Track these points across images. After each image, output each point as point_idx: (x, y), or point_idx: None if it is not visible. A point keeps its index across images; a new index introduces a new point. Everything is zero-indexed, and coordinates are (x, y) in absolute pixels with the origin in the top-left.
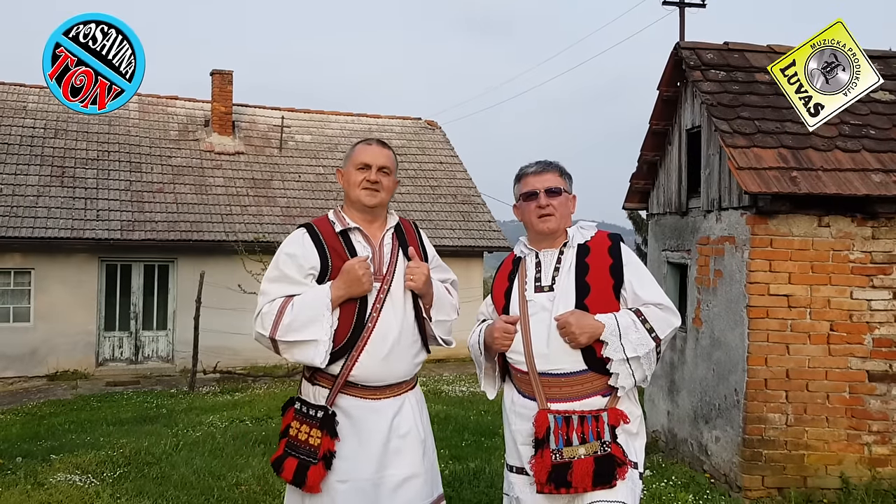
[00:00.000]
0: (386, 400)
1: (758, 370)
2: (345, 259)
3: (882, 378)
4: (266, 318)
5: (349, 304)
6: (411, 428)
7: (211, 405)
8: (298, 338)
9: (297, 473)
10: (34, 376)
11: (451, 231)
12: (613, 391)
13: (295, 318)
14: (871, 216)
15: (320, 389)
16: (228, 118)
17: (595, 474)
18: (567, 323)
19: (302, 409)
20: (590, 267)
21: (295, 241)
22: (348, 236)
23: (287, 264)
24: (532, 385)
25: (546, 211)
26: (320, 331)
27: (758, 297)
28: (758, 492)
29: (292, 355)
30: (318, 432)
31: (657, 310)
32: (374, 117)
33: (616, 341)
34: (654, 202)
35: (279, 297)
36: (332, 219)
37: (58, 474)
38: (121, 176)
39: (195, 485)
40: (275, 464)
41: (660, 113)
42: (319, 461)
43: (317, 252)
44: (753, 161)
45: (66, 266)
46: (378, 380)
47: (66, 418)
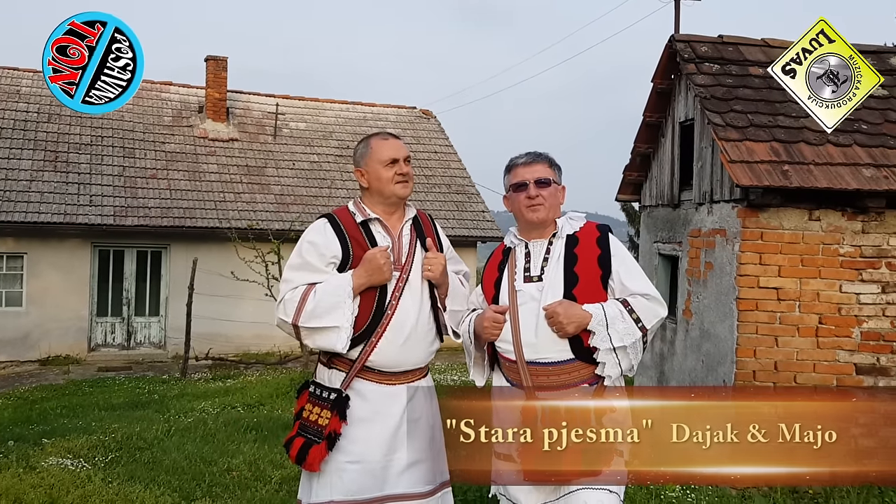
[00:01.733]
0: (401, 385)
1: (746, 362)
2: (365, 249)
3: (869, 371)
4: (289, 304)
5: (369, 291)
6: (423, 414)
7: (203, 391)
8: (321, 324)
9: (300, 452)
10: (26, 361)
11: (444, 221)
12: (600, 380)
13: (317, 305)
14: (862, 210)
15: (336, 373)
16: (223, 105)
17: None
18: (555, 313)
19: (316, 391)
20: (578, 257)
21: (317, 230)
22: (368, 227)
23: (310, 252)
24: (520, 374)
25: (535, 201)
26: (342, 317)
27: (747, 289)
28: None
29: (314, 341)
30: (327, 413)
31: (644, 300)
32: (368, 105)
33: (603, 331)
34: (647, 194)
35: (302, 285)
36: (352, 209)
37: (50, 458)
38: (114, 161)
39: (186, 470)
40: (287, 444)
41: (653, 105)
42: (323, 441)
43: (338, 241)
44: (745, 154)
45: (59, 251)
46: (395, 365)
47: (58, 403)
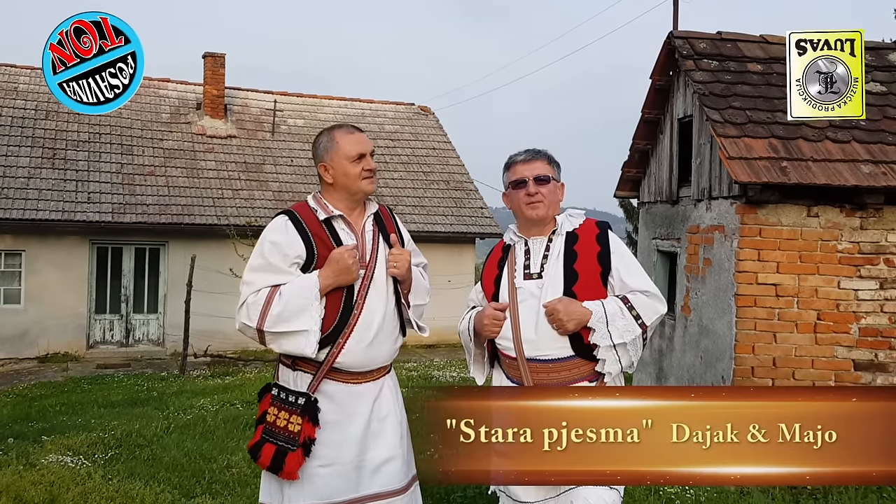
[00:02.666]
0: (367, 384)
1: (745, 358)
2: (330, 247)
3: (867, 367)
4: (252, 308)
5: (335, 292)
6: (390, 410)
7: (202, 388)
8: (288, 328)
9: (274, 460)
10: (24, 358)
11: (443, 217)
12: (600, 377)
13: (284, 309)
14: (860, 207)
15: (302, 375)
16: (220, 101)
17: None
18: (555, 310)
19: (280, 395)
20: (578, 255)
21: (278, 228)
22: (332, 224)
23: (272, 253)
24: (520, 370)
25: (535, 199)
26: (310, 320)
27: (746, 285)
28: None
29: (280, 346)
30: (298, 419)
31: (644, 297)
32: (367, 102)
33: (603, 328)
34: (646, 191)
35: (265, 287)
36: (313, 206)
37: (49, 455)
38: (112, 158)
39: (186, 467)
40: (252, 450)
41: (652, 102)
42: (298, 448)
43: (301, 240)
44: (744, 151)
45: (57, 248)
46: (363, 365)
47: (57, 400)
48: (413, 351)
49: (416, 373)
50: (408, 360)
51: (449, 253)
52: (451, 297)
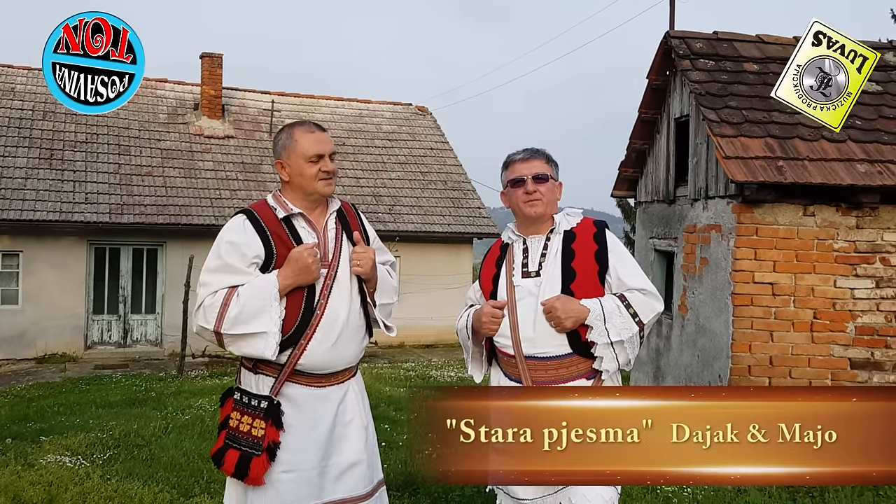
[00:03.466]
0: (331, 387)
1: (742, 357)
2: (289, 246)
3: (864, 365)
4: (209, 310)
5: (296, 292)
6: (355, 414)
7: (200, 389)
8: (246, 330)
9: (238, 466)
10: (22, 359)
11: (440, 217)
12: (597, 374)
13: (242, 310)
14: (856, 206)
15: (264, 378)
16: (218, 102)
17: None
18: (553, 308)
19: (243, 399)
20: (576, 253)
21: (236, 228)
22: (291, 222)
23: (229, 253)
24: (519, 368)
25: (534, 197)
26: (269, 322)
27: (743, 284)
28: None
29: (239, 348)
30: (261, 423)
31: (641, 295)
32: (364, 102)
33: (601, 325)
34: (643, 190)
35: (222, 289)
36: (272, 204)
37: (48, 455)
38: (110, 159)
39: (185, 467)
40: (215, 457)
41: (649, 101)
42: (263, 452)
43: (259, 239)
44: (740, 150)
45: (55, 249)
46: (326, 367)
47: (55, 401)
48: (411, 351)
49: (415, 372)
50: (406, 360)
51: (447, 253)
52: (449, 297)
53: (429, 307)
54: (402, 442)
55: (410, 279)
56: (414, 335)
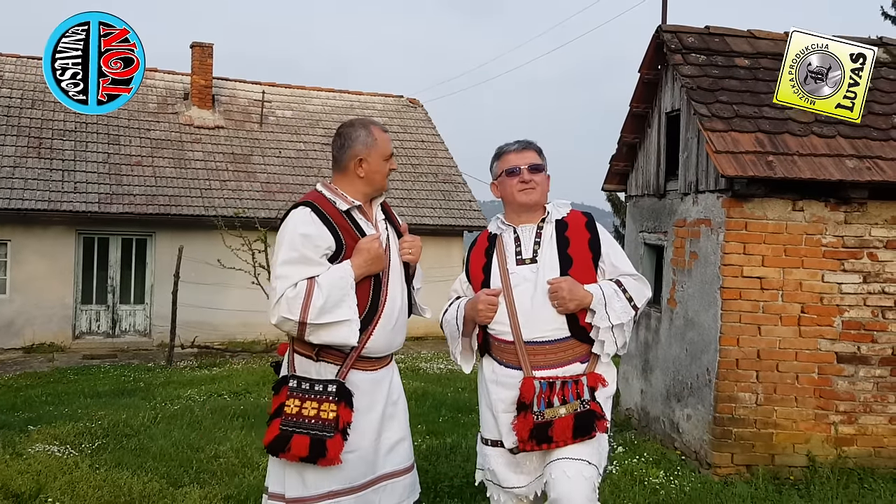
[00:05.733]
0: (383, 370)
1: (730, 350)
2: (355, 237)
3: (850, 360)
4: (293, 302)
5: (364, 281)
6: (400, 394)
7: (189, 379)
8: (332, 319)
9: (312, 448)
10: (10, 348)
11: (431, 210)
12: (592, 357)
13: (327, 300)
14: (844, 201)
15: (325, 365)
16: (208, 92)
17: (575, 427)
18: (560, 288)
19: (303, 385)
20: (570, 241)
21: (306, 220)
22: (351, 214)
23: (305, 245)
24: (518, 354)
25: (529, 185)
26: (349, 310)
27: (731, 278)
28: (727, 469)
29: (319, 337)
30: (330, 406)
31: (633, 280)
32: (355, 94)
33: (602, 310)
34: (633, 184)
35: (301, 280)
36: (329, 196)
37: (36, 445)
38: (99, 148)
39: (174, 456)
40: (273, 445)
41: (640, 95)
42: (337, 433)
43: (329, 231)
44: (731, 145)
45: (43, 238)
46: (386, 350)
47: (43, 390)
48: None
49: (404, 364)
50: (395, 352)
51: (437, 246)
52: (439, 289)
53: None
54: None
55: None
56: None
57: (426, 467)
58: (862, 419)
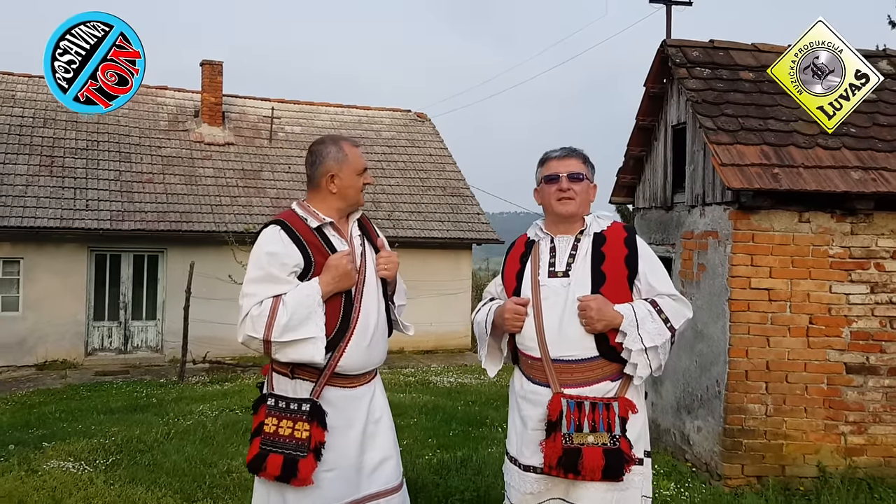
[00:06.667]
0: (362, 387)
1: (739, 362)
2: (325, 254)
3: (859, 370)
4: (257, 320)
5: (334, 298)
6: (383, 412)
7: (201, 395)
8: (296, 336)
9: (285, 468)
10: (23, 366)
11: (439, 223)
12: (624, 378)
13: (291, 318)
14: (850, 212)
15: (301, 383)
16: (218, 109)
17: (605, 467)
18: (588, 307)
19: (279, 404)
20: (606, 256)
21: (273, 238)
22: (322, 231)
23: (271, 263)
24: (545, 371)
25: (567, 195)
26: (316, 328)
27: (739, 290)
28: (737, 480)
29: (286, 355)
30: (304, 425)
31: (671, 301)
32: (363, 109)
33: (634, 332)
34: (640, 197)
35: (267, 298)
36: (301, 214)
37: (51, 461)
38: (110, 166)
39: (187, 472)
40: (252, 463)
41: (646, 109)
42: (309, 453)
43: (297, 249)
44: (736, 157)
45: (56, 256)
46: (361, 368)
47: (57, 407)
48: (411, 357)
49: (414, 378)
50: (405, 366)
51: (446, 259)
52: (448, 302)
53: (428, 313)
54: (403, 447)
55: (409, 285)
56: (413, 341)
57: (437, 481)
58: (871, 429)
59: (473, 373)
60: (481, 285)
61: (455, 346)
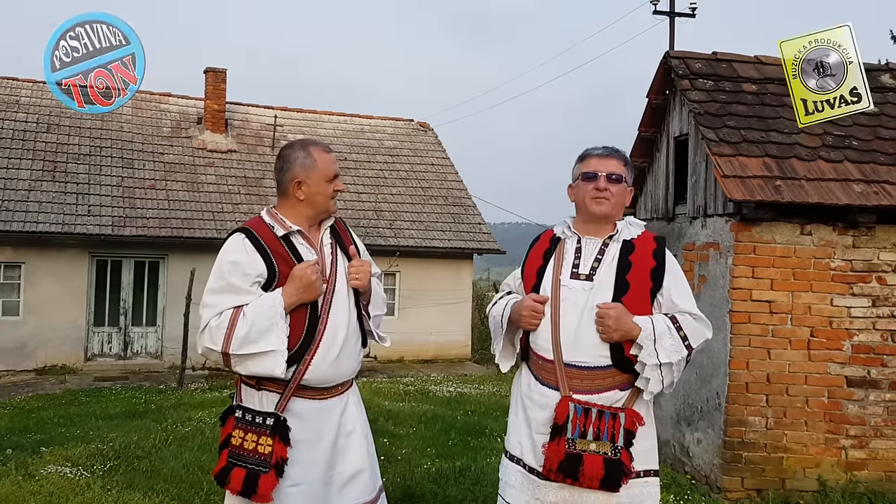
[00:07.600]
0: (333, 399)
1: (739, 374)
2: (291, 264)
3: (860, 384)
4: (216, 331)
5: (299, 308)
6: (356, 424)
7: (199, 401)
8: (255, 349)
9: (246, 484)
10: (22, 370)
11: (441, 233)
12: (634, 390)
13: (250, 330)
14: (852, 225)
15: (268, 395)
16: (221, 116)
17: (604, 477)
18: (607, 315)
19: (246, 416)
20: (632, 266)
21: (236, 248)
22: (290, 239)
23: (232, 273)
24: (556, 375)
25: (603, 195)
26: (276, 340)
27: (740, 302)
28: (737, 493)
29: (246, 368)
30: (267, 440)
31: (692, 319)
32: (366, 118)
33: (650, 346)
34: (642, 208)
35: (227, 309)
36: (268, 221)
37: (48, 466)
38: (113, 172)
39: (185, 478)
40: (218, 476)
41: (648, 120)
42: (271, 469)
43: (261, 258)
44: (738, 169)
45: (57, 260)
46: (329, 380)
47: (55, 412)
48: (410, 366)
49: (414, 387)
50: (405, 375)
51: (447, 268)
52: (449, 312)
53: (428, 322)
54: (402, 456)
55: (410, 294)
56: (413, 350)
57: (435, 490)
58: (872, 443)
59: (473, 382)
60: (482, 295)
61: (455, 356)
